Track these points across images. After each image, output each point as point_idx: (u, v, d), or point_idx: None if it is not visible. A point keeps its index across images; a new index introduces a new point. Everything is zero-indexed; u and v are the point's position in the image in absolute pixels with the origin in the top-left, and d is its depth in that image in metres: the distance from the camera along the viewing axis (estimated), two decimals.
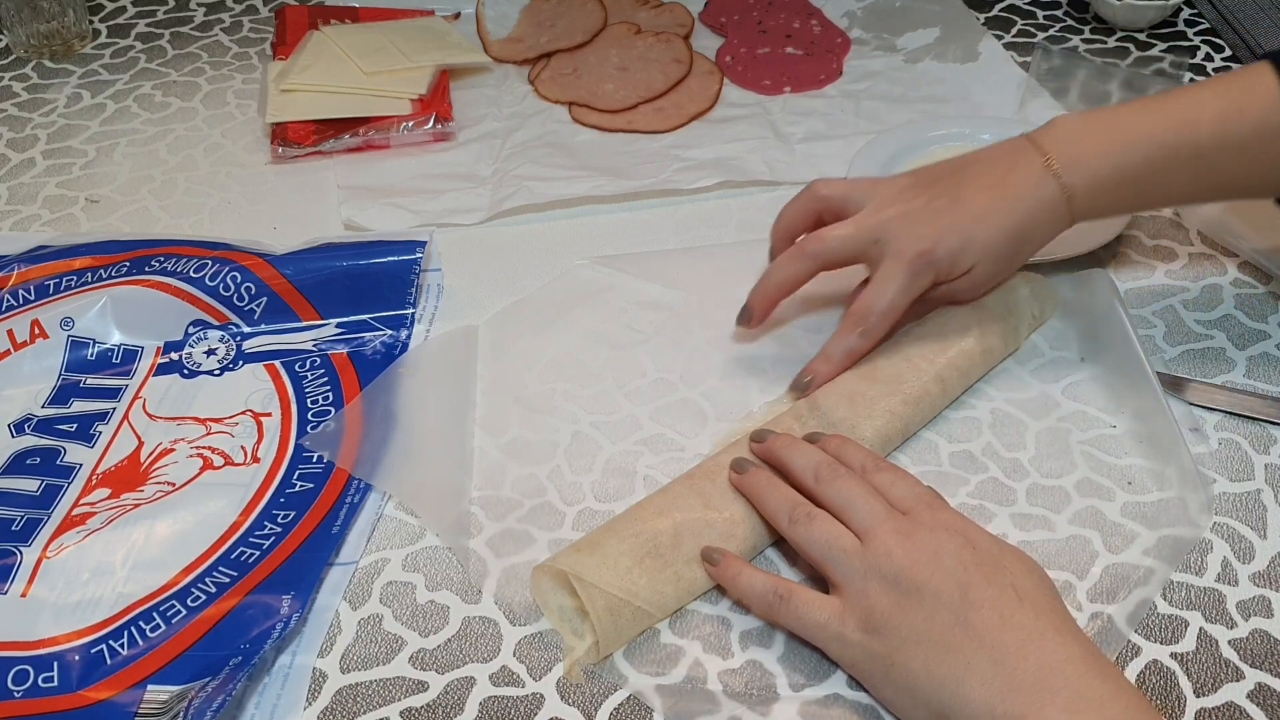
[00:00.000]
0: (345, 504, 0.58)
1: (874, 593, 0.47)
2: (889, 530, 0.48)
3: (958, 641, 0.45)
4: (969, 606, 0.45)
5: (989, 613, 0.45)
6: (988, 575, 0.46)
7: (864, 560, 0.48)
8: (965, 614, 0.45)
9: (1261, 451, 0.60)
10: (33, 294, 0.67)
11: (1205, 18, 0.99)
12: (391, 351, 0.67)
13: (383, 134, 0.84)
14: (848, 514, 0.50)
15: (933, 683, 0.45)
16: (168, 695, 0.49)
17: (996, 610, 0.45)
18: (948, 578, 0.46)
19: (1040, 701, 0.42)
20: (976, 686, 0.44)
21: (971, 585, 0.46)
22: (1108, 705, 0.43)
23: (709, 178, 0.79)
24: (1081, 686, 0.43)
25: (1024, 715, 0.42)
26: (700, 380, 0.65)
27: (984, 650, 0.44)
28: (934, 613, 0.46)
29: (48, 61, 0.96)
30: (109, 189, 0.82)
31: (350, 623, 0.53)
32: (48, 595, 0.53)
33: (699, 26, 0.99)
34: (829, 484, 0.51)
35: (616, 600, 0.50)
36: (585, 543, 0.52)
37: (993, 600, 0.45)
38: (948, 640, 0.45)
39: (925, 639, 0.45)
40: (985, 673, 0.44)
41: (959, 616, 0.45)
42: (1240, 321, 0.68)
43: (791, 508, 0.51)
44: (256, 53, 0.97)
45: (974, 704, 0.43)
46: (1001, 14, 1.00)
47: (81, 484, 0.59)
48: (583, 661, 0.50)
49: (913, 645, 0.46)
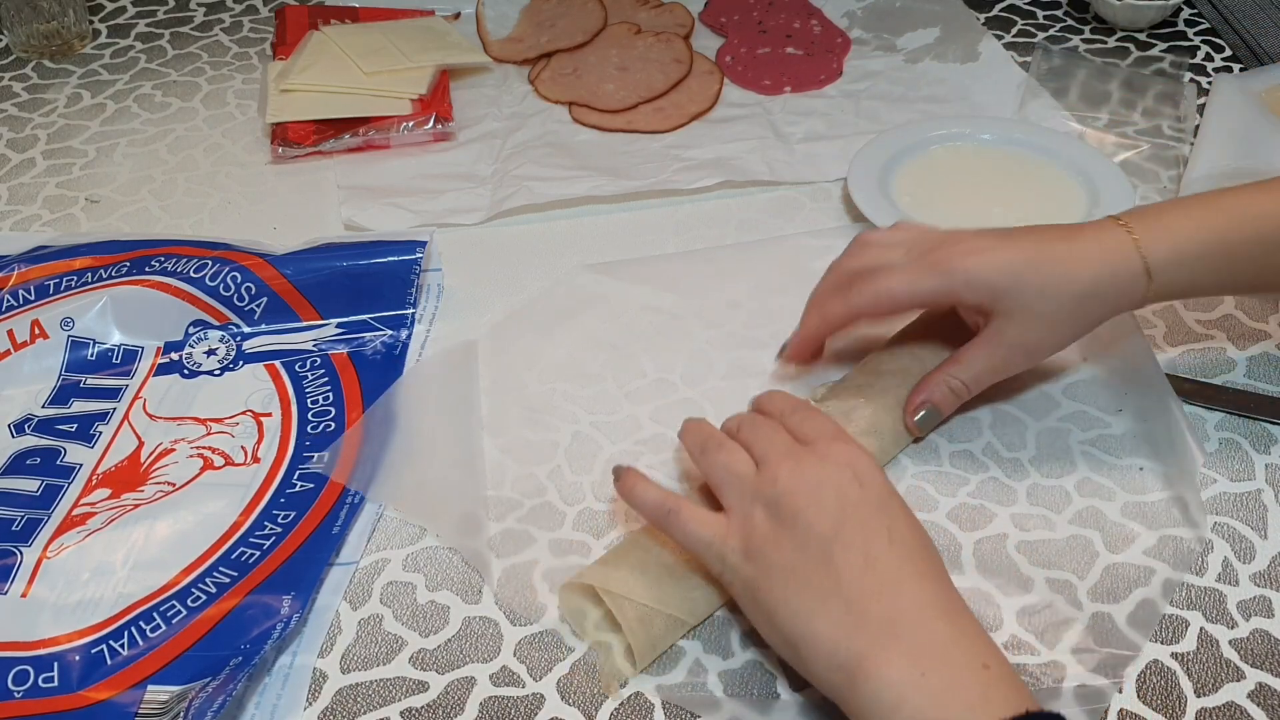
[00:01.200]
0: (345, 504, 0.58)
1: (756, 516, 0.48)
2: (782, 457, 0.49)
3: (819, 577, 0.45)
4: (838, 543, 0.46)
5: (855, 553, 0.45)
6: (866, 515, 0.47)
7: (753, 484, 0.49)
8: (832, 550, 0.45)
9: (1262, 451, 0.60)
10: (33, 294, 0.67)
11: (1205, 18, 0.99)
12: (391, 351, 0.67)
13: (383, 134, 0.84)
14: (752, 446, 0.51)
15: (788, 612, 0.45)
16: (168, 695, 0.49)
17: (863, 551, 0.45)
18: (823, 511, 0.46)
19: (884, 643, 0.43)
20: (826, 623, 0.44)
21: (846, 522, 0.46)
22: (952, 651, 0.43)
23: (709, 178, 0.79)
24: (929, 632, 0.43)
25: (865, 654, 0.43)
26: (701, 380, 0.65)
27: (841, 589, 0.45)
28: (804, 544, 0.46)
29: (48, 61, 0.96)
30: (109, 189, 0.82)
31: (350, 623, 0.53)
32: (48, 595, 0.53)
33: (699, 26, 0.99)
34: (746, 427, 0.52)
35: (647, 610, 0.49)
36: (611, 556, 0.52)
37: (862, 541, 0.46)
38: (809, 574, 0.45)
39: (790, 570, 0.46)
40: (837, 611, 0.44)
41: (825, 552, 0.45)
42: (1240, 321, 0.68)
43: (705, 439, 0.52)
44: (256, 53, 0.97)
45: (821, 639, 0.44)
46: (1001, 14, 1.00)
47: (82, 484, 0.59)
48: (620, 674, 0.50)
49: (779, 574, 0.46)
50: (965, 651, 0.43)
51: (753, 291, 0.70)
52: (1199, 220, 0.54)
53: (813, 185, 0.80)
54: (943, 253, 0.56)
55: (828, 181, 0.80)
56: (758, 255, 0.73)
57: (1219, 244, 0.54)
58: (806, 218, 0.77)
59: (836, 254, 0.61)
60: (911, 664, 0.42)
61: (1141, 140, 0.83)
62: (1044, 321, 0.55)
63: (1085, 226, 0.56)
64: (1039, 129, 0.83)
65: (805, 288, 0.63)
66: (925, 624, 0.44)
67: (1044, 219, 0.73)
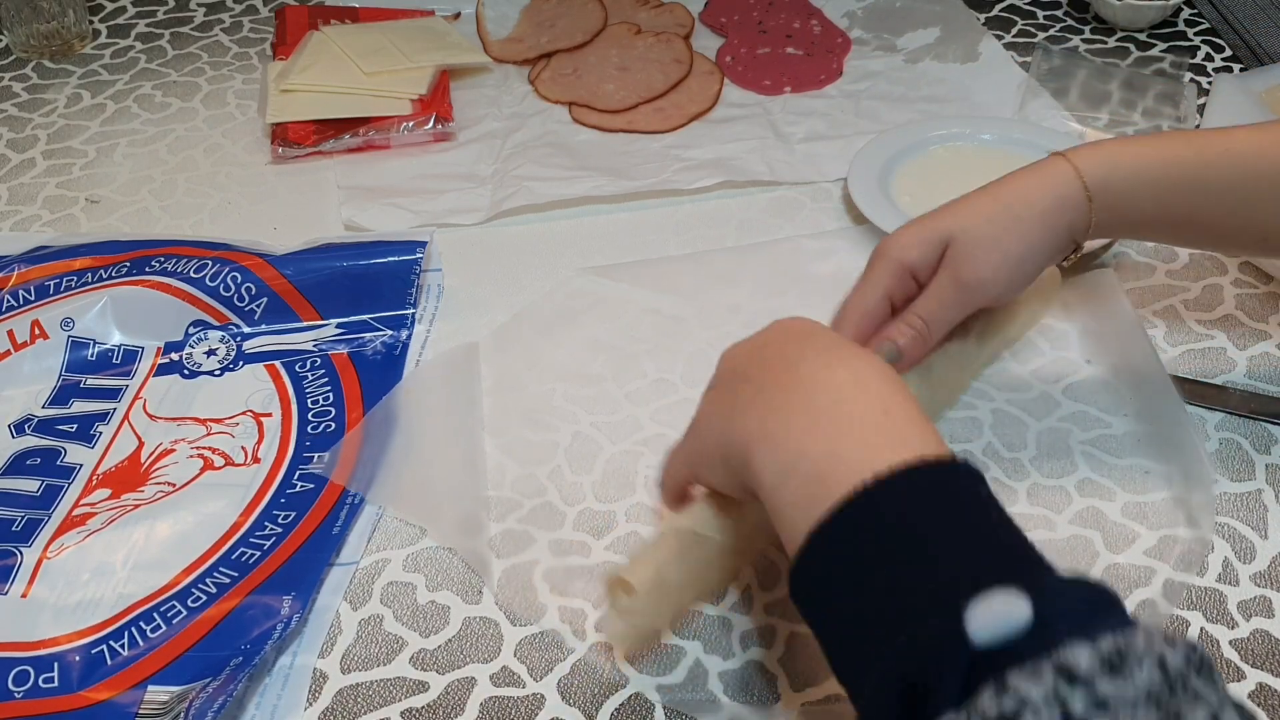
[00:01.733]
0: (346, 504, 0.58)
1: (707, 397, 0.48)
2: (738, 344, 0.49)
3: (738, 381, 0.45)
4: (756, 356, 0.46)
5: (772, 350, 0.46)
6: (783, 339, 0.46)
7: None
8: (749, 365, 0.46)
9: (1262, 451, 0.60)
10: (33, 294, 0.67)
11: (1205, 18, 0.98)
12: (392, 352, 0.67)
13: (383, 134, 0.84)
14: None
15: (710, 426, 0.46)
16: (168, 696, 0.49)
17: (779, 350, 0.45)
18: (752, 344, 0.47)
19: (778, 410, 0.42)
20: (738, 410, 0.44)
21: (770, 342, 0.47)
22: (848, 392, 0.42)
23: (709, 178, 0.79)
24: (819, 382, 0.42)
25: (763, 420, 0.42)
26: (701, 380, 0.64)
27: (750, 378, 0.45)
28: (735, 367, 0.47)
29: (48, 61, 0.96)
30: (109, 189, 0.81)
31: (351, 623, 0.53)
32: (48, 596, 0.53)
33: (699, 26, 0.99)
34: None
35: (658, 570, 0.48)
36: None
37: (779, 348, 0.46)
38: (731, 380, 0.46)
39: (723, 396, 0.46)
40: (748, 395, 0.44)
41: (745, 365, 0.46)
42: (1240, 321, 0.68)
43: None
44: (256, 53, 0.97)
45: (737, 425, 0.43)
46: (1001, 14, 1.00)
47: (82, 484, 0.59)
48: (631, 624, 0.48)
49: (710, 401, 0.47)
50: (860, 394, 0.42)
51: (753, 294, 0.70)
52: (1136, 149, 0.56)
53: (813, 185, 0.80)
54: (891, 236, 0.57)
55: (828, 181, 0.80)
56: (758, 258, 0.73)
57: (1157, 167, 0.55)
58: (806, 218, 0.77)
59: (836, 256, 0.61)
60: (808, 420, 0.41)
61: None
62: (994, 251, 0.55)
63: (1028, 165, 0.57)
64: (1039, 129, 0.83)
65: (805, 290, 0.63)
66: (816, 375, 0.43)
67: None
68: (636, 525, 0.57)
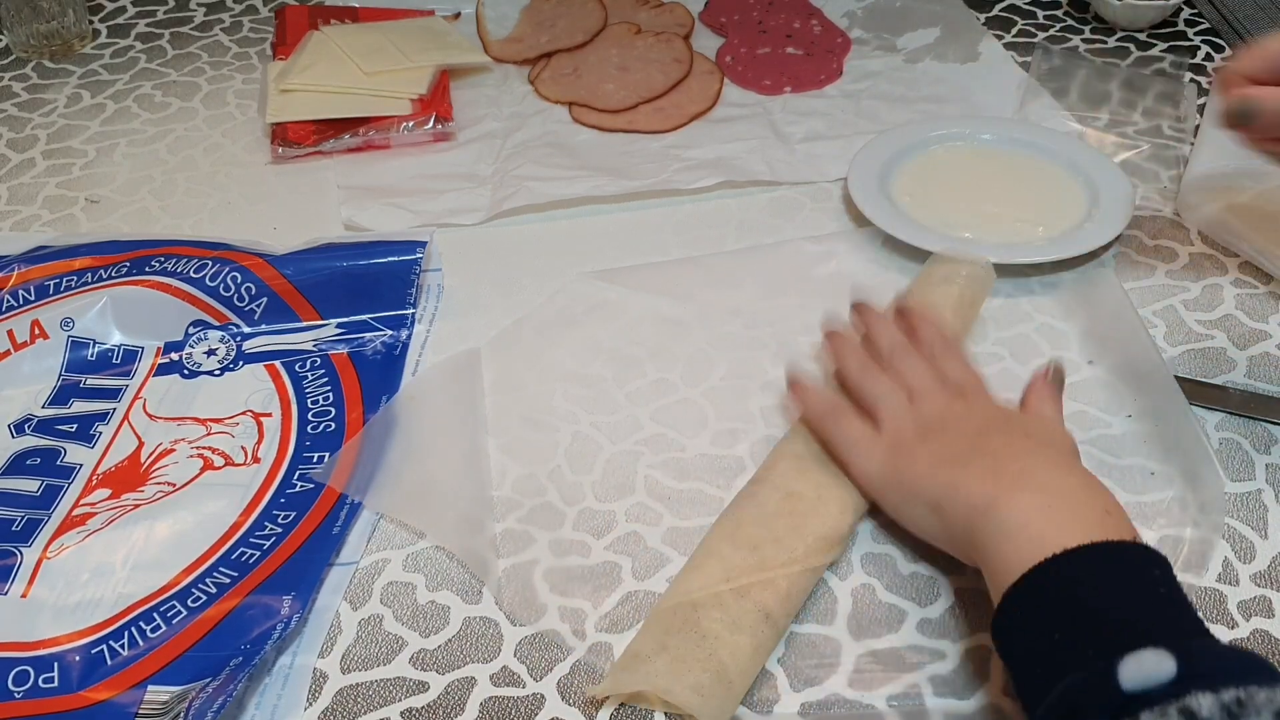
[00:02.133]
0: (346, 504, 0.57)
1: (908, 428, 0.54)
2: (935, 394, 0.55)
3: (965, 454, 0.51)
4: (981, 436, 0.52)
5: (997, 439, 0.51)
6: (1011, 428, 0.53)
7: (911, 406, 0.55)
8: (975, 440, 0.52)
9: (1262, 451, 0.60)
10: (33, 294, 0.67)
11: (1205, 18, 0.98)
12: (391, 352, 0.67)
13: (383, 134, 0.84)
14: (905, 376, 0.57)
15: (933, 479, 0.51)
16: (168, 696, 0.49)
17: (1007, 440, 0.51)
18: (971, 421, 0.53)
19: (1018, 486, 0.48)
20: (968, 475, 0.50)
21: (992, 428, 0.52)
22: (1079, 494, 0.48)
23: (709, 178, 0.79)
24: (1059, 482, 0.48)
25: (999, 496, 0.47)
26: (701, 380, 0.65)
27: (984, 457, 0.50)
28: (954, 439, 0.52)
29: (48, 61, 0.96)
30: (109, 189, 0.81)
31: (351, 623, 0.53)
32: (48, 596, 0.53)
33: (699, 26, 0.99)
34: (899, 355, 0.58)
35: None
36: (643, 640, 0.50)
37: (1006, 438, 0.51)
38: (955, 452, 0.51)
39: (937, 454, 0.52)
40: (979, 468, 0.50)
41: (970, 440, 0.52)
42: (1240, 321, 0.68)
43: (862, 361, 0.59)
44: (256, 53, 0.97)
45: (961, 488, 0.49)
46: (1001, 14, 1.00)
47: (82, 484, 0.59)
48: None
49: (924, 456, 0.52)
50: (1090, 498, 0.47)
51: (754, 297, 0.70)
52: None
53: (813, 185, 0.80)
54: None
55: (828, 181, 0.80)
56: (758, 261, 0.73)
57: None
58: (806, 218, 0.77)
59: (836, 258, 0.61)
60: (1039, 497, 0.47)
61: (1142, 140, 0.83)
62: None
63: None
64: (1039, 129, 0.83)
65: (805, 292, 0.63)
66: (1056, 477, 0.48)
67: (1044, 219, 0.74)
68: (636, 525, 0.57)
